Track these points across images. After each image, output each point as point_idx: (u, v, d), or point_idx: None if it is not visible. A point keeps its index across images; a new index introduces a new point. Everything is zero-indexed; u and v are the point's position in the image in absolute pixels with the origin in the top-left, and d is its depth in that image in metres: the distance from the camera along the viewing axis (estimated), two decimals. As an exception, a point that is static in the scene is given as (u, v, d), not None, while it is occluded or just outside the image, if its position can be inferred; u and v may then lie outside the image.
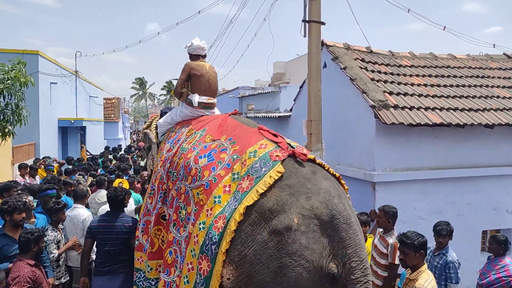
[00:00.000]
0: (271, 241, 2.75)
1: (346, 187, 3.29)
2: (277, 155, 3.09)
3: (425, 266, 3.64)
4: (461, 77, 7.75)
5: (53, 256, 4.92)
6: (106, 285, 4.44)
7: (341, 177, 3.28)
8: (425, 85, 7.21)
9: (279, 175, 2.94)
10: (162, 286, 3.53)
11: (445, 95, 6.93)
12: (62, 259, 5.26)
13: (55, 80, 14.80)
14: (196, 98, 4.46)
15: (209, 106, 4.64)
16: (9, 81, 7.18)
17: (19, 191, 5.81)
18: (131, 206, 6.16)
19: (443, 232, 4.62)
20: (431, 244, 4.83)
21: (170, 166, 3.90)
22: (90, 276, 4.83)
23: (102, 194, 6.55)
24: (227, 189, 3.18)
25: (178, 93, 4.71)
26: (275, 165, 3.00)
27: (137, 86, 61.10)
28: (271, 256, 2.73)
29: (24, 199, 4.73)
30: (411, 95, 6.73)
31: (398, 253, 4.39)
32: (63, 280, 5.13)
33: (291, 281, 2.68)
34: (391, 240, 4.67)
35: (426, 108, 6.39)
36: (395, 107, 6.17)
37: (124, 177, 8.28)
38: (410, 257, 3.64)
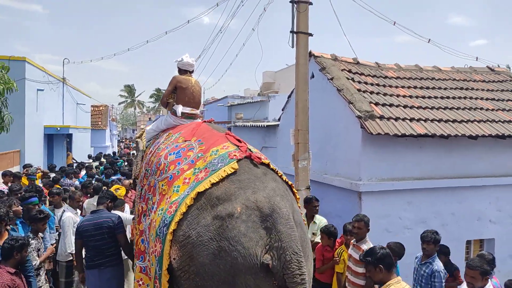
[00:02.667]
0: (213, 225, 2.99)
1: (298, 197, 3.68)
2: (234, 155, 3.46)
3: (396, 279, 3.45)
4: (445, 88, 7.90)
5: (35, 264, 4.85)
6: (96, 277, 4.71)
7: (293, 185, 3.67)
8: (411, 96, 7.33)
9: (233, 170, 3.27)
10: (138, 272, 3.80)
11: (430, 107, 7.06)
12: (43, 268, 5.19)
13: (42, 87, 14.66)
14: (180, 109, 4.87)
15: (192, 116, 5.00)
16: None
17: (5, 198, 5.74)
18: (127, 213, 6.17)
19: (427, 238, 4.67)
20: (419, 253, 4.89)
21: (147, 164, 4.30)
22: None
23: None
24: (186, 181, 3.50)
25: (164, 102, 5.20)
26: (231, 162, 3.36)
27: (126, 94, 60.72)
28: (211, 239, 2.95)
29: (6, 209, 4.66)
30: (397, 106, 6.83)
31: None
32: None
33: (227, 265, 2.88)
34: (365, 246, 4.68)
35: (411, 119, 6.49)
36: (381, 117, 6.25)
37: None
38: (372, 273, 3.52)
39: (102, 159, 15.89)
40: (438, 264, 4.66)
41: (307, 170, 6.51)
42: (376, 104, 6.60)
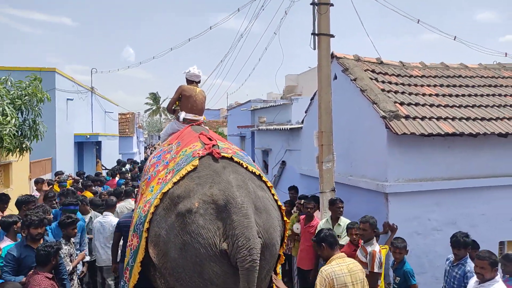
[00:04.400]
0: (177, 222, 3.31)
1: (270, 184, 3.98)
2: (198, 153, 3.78)
3: (339, 254, 3.80)
4: (473, 86, 7.70)
5: (68, 269, 5.01)
6: None
7: (262, 175, 3.95)
8: (437, 95, 7.18)
9: (193, 168, 3.60)
10: (125, 265, 4.08)
11: (457, 105, 6.90)
12: (75, 273, 5.37)
13: (71, 96, 15.15)
14: (182, 115, 5.26)
15: (194, 122, 5.34)
16: (26, 97, 7.41)
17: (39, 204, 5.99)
18: None
19: (457, 244, 4.57)
20: (450, 255, 4.79)
21: (143, 169, 4.76)
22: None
23: (130, 202, 7.44)
24: (160, 181, 3.85)
25: (171, 109, 5.71)
26: (192, 160, 3.68)
27: (151, 101, 61.86)
28: (177, 235, 3.28)
29: (42, 216, 4.85)
30: (423, 105, 6.71)
31: (376, 261, 4.45)
32: None
33: (193, 256, 3.20)
34: (370, 248, 4.69)
35: (438, 118, 6.36)
36: (407, 117, 6.16)
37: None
38: (319, 251, 3.98)
39: (127, 165, 16.80)
40: (471, 265, 4.54)
41: (332, 172, 6.47)
42: (401, 103, 6.51)
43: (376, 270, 4.54)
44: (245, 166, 3.85)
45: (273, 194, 3.99)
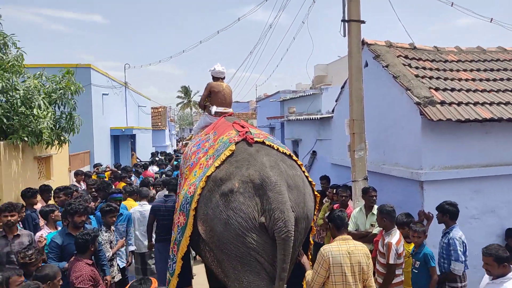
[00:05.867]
0: (221, 201, 3.79)
1: (300, 163, 4.40)
2: (234, 139, 4.26)
3: (345, 236, 3.94)
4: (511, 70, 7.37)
5: (108, 256, 5.23)
6: (163, 248, 5.47)
7: (292, 154, 4.39)
8: (473, 79, 6.92)
9: (230, 153, 4.08)
10: (172, 241, 4.59)
11: (495, 89, 6.62)
12: (115, 260, 5.58)
13: (106, 91, 15.62)
14: (213, 109, 5.81)
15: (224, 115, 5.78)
16: (61, 91, 7.68)
17: (79, 195, 6.30)
18: None
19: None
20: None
21: (183, 157, 5.25)
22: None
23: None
24: (202, 166, 4.33)
25: (202, 105, 6.27)
26: (229, 146, 4.16)
27: (183, 95, 62.81)
28: (221, 212, 3.75)
29: (85, 204, 5.09)
30: (459, 90, 6.49)
31: (392, 252, 4.43)
32: (116, 279, 5.44)
33: (236, 229, 3.67)
34: (387, 239, 4.64)
35: (475, 103, 6.14)
36: (442, 103, 5.98)
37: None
38: (330, 230, 4.26)
39: (160, 156, 17.64)
40: (455, 233, 4.67)
41: (364, 160, 6.39)
42: (436, 89, 6.32)
43: (391, 261, 4.48)
44: (276, 148, 4.27)
45: (303, 172, 4.38)
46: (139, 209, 6.67)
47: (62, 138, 8.00)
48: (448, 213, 4.84)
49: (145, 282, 3.07)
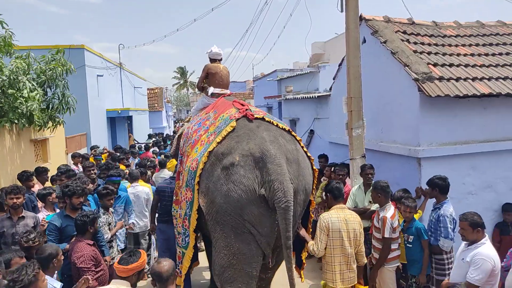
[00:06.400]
0: (222, 174, 3.91)
1: (298, 138, 4.50)
2: (234, 116, 4.38)
3: (341, 205, 4.33)
4: (511, 44, 7.27)
5: (106, 237, 5.24)
6: (165, 229, 5.70)
7: (291, 130, 4.49)
8: (472, 54, 6.83)
9: (231, 129, 4.20)
10: (175, 216, 4.88)
11: (494, 64, 6.55)
12: (114, 241, 5.60)
13: (101, 72, 15.43)
14: (211, 90, 5.87)
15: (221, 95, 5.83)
16: (50, 72, 7.51)
17: (77, 177, 6.27)
18: None
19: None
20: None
21: (184, 136, 5.29)
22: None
23: (165, 172, 8.01)
24: (203, 143, 4.45)
25: (200, 87, 6.31)
26: (230, 122, 4.29)
27: (179, 76, 62.18)
28: (222, 185, 3.86)
29: (83, 186, 5.08)
30: (457, 65, 6.42)
31: (387, 226, 4.64)
32: (116, 260, 5.47)
33: (235, 201, 3.78)
34: (382, 214, 4.79)
35: (474, 79, 6.08)
36: (440, 79, 5.92)
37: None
38: (327, 200, 4.56)
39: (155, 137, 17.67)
40: (446, 209, 4.71)
41: (362, 138, 6.37)
42: (435, 65, 6.24)
43: (386, 235, 4.67)
44: (275, 124, 4.38)
45: (302, 146, 4.49)
46: (132, 190, 6.69)
47: (56, 119, 7.92)
48: (438, 187, 4.90)
49: (134, 254, 3.34)
